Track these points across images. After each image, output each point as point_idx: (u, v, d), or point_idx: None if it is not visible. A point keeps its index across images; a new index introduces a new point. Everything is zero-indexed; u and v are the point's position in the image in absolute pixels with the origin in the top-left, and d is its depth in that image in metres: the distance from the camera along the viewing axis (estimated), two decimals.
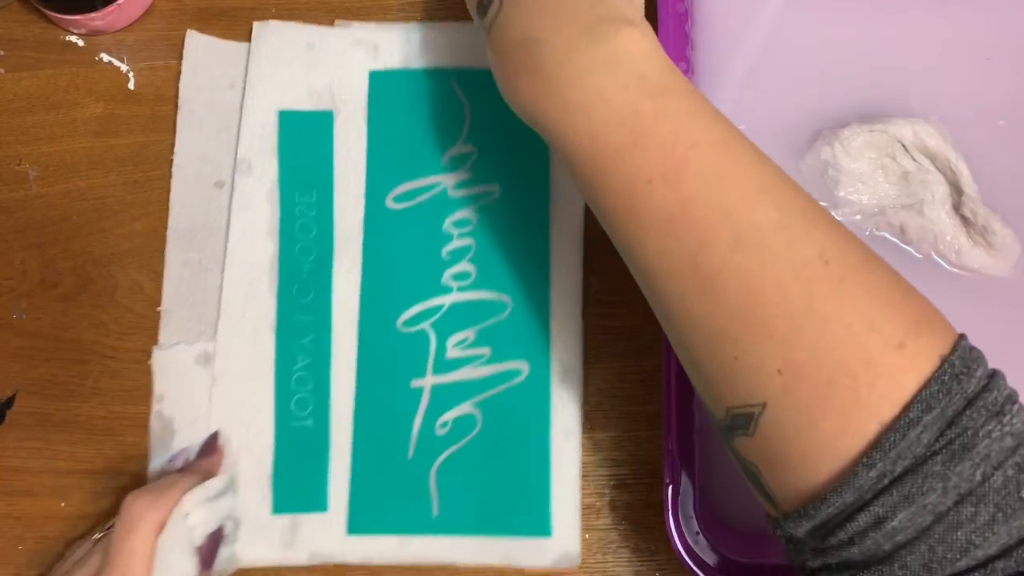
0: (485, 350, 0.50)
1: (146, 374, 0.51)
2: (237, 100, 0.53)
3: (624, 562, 0.49)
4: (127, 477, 0.50)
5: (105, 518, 0.50)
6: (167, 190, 0.53)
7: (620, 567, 0.49)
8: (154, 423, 0.50)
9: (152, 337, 0.51)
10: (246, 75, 0.53)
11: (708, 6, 0.51)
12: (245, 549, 0.48)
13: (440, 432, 0.49)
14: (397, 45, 0.53)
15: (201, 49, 0.54)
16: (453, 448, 0.49)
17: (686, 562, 0.42)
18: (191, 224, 0.52)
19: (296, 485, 0.49)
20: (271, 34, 0.53)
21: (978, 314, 0.48)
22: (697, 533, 0.42)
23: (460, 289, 0.51)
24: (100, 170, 0.53)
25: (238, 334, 0.50)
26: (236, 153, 0.52)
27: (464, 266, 0.51)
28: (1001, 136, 0.50)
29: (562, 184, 0.51)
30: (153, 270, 0.52)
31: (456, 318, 0.50)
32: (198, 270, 0.51)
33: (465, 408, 0.49)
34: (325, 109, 0.52)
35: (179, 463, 0.49)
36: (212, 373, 0.50)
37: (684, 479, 0.43)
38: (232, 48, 0.53)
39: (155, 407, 0.50)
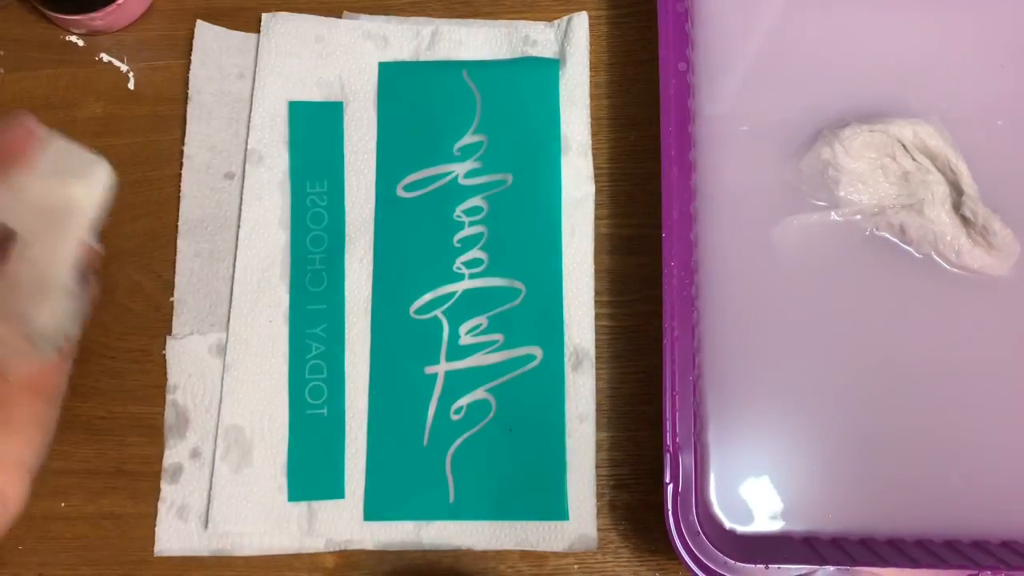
0: (498, 336, 0.50)
1: (145, 374, 0.51)
2: (246, 91, 0.53)
3: (624, 562, 0.49)
4: (127, 477, 0.50)
5: (105, 518, 0.50)
6: (167, 189, 0.53)
7: (620, 567, 0.49)
8: (168, 413, 0.50)
9: (152, 336, 0.51)
10: (255, 66, 0.53)
11: (708, 6, 0.51)
12: (262, 537, 0.48)
13: (455, 418, 0.49)
14: (407, 39, 0.54)
15: (210, 39, 0.54)
16: (468, 433, 0.49)
17: (686, 562, 0.42)
18: (202, 215, 0.52)
19: (312, 473, 0.49)
20: (280, 26, 0.53)
21: (978, 314, 0.48)
22: (697, 533, 0.42)
23: (472, 276, 0.51)
24: None
25: (250, 324, 0.50)
26: (246, 144, 0.52)
27: (476, 253, 0.51)
28: (1001, 136, 0.50)
29: (573, 173, 0.52)
30: (152, 270, 0.52)
31: (469, 305, 0.51)
32: (210, 261, 0.52)
33: (479, 394, 0.50)
34: (335, 100, 0.53)
35: None
36: (224, 363, 0.50)
37: (684, 479, 0.43)
38: (241, 38, 0.54)
39: (169, 396, 0.50)
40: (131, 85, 0.54)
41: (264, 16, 0.53)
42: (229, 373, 0.50)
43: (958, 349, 0.48)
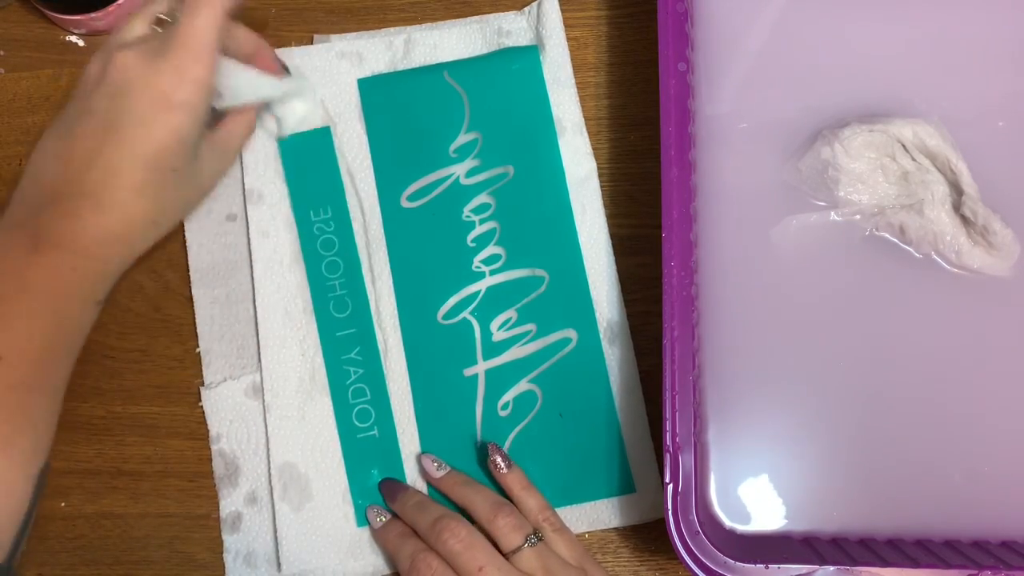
0: (531, 326, 0.50)
1: (145, 374, 0.51)
2: None
3: (624, 562, 0.49)
4: (127, 477, 0.50)
5: (105, 518, 0.50)
6: None
7: (620, 567, 0.49)
8: (216, 463, 0.50)
9: (152, 336, 0.51)
10: None
11: (708, 6, 0.51)
12: (336, 568, 0.49)
13: (503, 414, 0.50)
14: (381, 51, 0.53)
15: None
16: (520, 427, 0.50)
17: (686, 562, 0.42)
18: (212, 261, 0.52)
19: (375, 495, 0.49)
20: None
21: (978, 314, 0.48)
22: (697, 533, 0.42)
23: (493, 272, 0.51)
24: None
25: (284, 360, 0.50)
26: (243, 185, 0.52)
27: (492, 249, 0.51)
28: (1001, 136, 0.50)
29: (572, 152, 0.52)
30: (153, 270, 0.52)
31: (495, 301, 0.51)
32: (228, 305, 0.51)
33: (523, 386, 0.50)
34: (321, 125, 0.52)
35: None
36: (263, 403, 0.50)
37: (684, 479, 0.43)
38: None
39: (214, 447, 0.50)
40: None
41: None
42: (272, 412, 0.50)
43: (958, 349, 0.48)
